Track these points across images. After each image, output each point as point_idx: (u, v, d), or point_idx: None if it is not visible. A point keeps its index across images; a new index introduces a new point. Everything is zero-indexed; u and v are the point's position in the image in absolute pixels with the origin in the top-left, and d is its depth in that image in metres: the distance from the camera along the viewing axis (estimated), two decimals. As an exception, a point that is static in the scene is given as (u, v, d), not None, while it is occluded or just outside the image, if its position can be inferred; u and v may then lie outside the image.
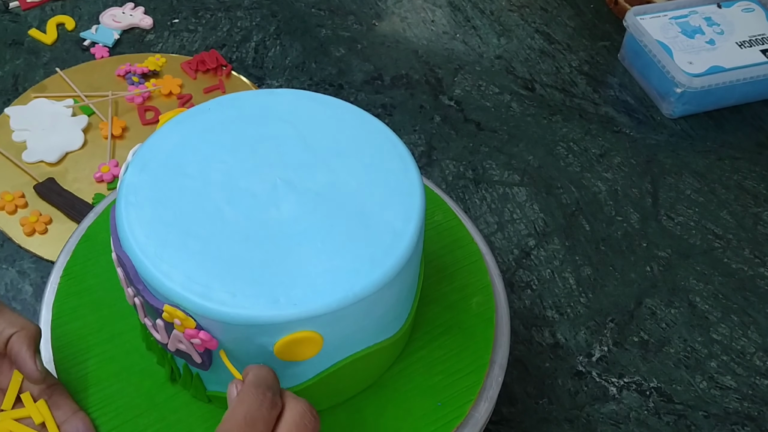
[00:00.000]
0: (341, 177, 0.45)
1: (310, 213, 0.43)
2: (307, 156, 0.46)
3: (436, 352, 0.51)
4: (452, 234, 0.58)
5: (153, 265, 0.40)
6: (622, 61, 0.94)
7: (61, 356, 0.49)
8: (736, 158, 0.85)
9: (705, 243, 0.77)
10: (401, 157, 0.47)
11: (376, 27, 0.97)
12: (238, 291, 0.40)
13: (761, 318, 0.71)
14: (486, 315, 0.53)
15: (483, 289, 0.55)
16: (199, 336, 0.40)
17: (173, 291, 0.40)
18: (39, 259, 0.70)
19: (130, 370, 0.49)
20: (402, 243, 0.43)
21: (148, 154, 0.46)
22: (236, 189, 0.44)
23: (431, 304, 0.53)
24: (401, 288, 0.45)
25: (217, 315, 0.39)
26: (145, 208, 0.43)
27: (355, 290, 0.40)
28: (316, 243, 0.42)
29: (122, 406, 0.47)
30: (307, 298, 0.40)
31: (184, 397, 0.48)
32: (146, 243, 0.41)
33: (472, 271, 0.56)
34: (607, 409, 0.64)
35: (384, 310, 0.44)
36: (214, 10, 0.96)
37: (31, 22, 0.93)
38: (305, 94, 0.50)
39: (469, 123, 0.86)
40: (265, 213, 0.43)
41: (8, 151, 0.77)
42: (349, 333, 0.43)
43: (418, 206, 0.44)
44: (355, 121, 0.49)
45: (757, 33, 0.90)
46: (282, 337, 0.40)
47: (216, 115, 0.48)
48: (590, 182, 0.81)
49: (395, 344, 0.48)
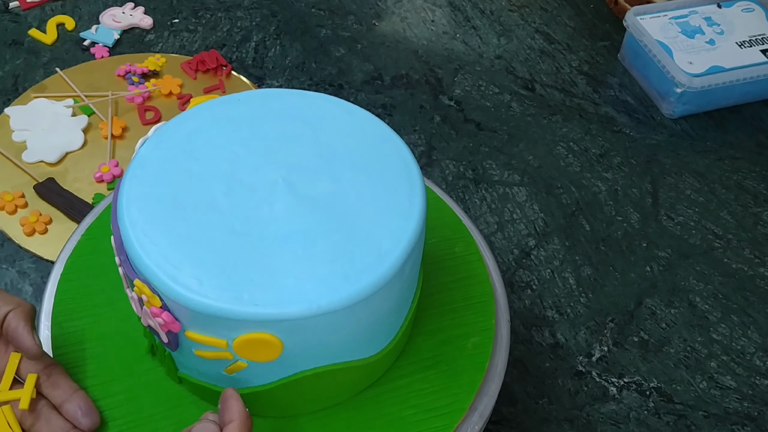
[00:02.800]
0: (343, 188, 0.45)
1: (300, 218, 0.43)
2: (317, 162, 0.46)
3: (416, 384, 0.49)
4: (468, 269, 0.56)
5: (136, 239, 0.42)
6: (622, 61, 0.94)
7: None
8: (736, 158, 0.85)
9: (705, 243, 0.77)
10: (410, 179, 0.46)
11: (376, 27, 0.97)
12: (206, 279, 0.40)
13: (761, 318, 0.71)
14: (479, 359, 0.51)
15: (484, 332, 0.52)
16: (162, 316, 0.41)
17: (147, 267, 0.41)
18: (39, 259, 0.70)
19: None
20: (383, 265, 0.42)
21: (168, 132, 0.47)
22: (237, 181, 0.45)
23: (425, 335, 0.52)
24: (378, 310, 0.43)
25: (180, 299, 0.40)
26: (146, 183, 0.44)
27: (320, 303, 0.40)
28: (297, 249, 0.42)
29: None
30: (270, 301, 0.40)
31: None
32: (138, 217, 0.42)
33: (479, 310, 0.53)
34: (607, 409, 0.64)
35: (356, 329, 0.43)
36: (214, 10, 0.96)
37: (31, 22, 0.93)
38: (336, 101, 0.50)
39: (469, 123, 0.86)
40: (257, 209, 0.43)
41: (8, 151, 0.77)
42: (314, 345, 0.42)
43: (411, 231, 0.43)
44: (375, 136, 0.48)
45: (757, 33, 0.90)
46: (241, 334, 0.40)
47: (244, 107, 0.49)
48: (590, 182, 0.81)
49: (370, 367, 0.47)
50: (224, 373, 0.44)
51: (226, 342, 0.41)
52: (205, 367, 0.45)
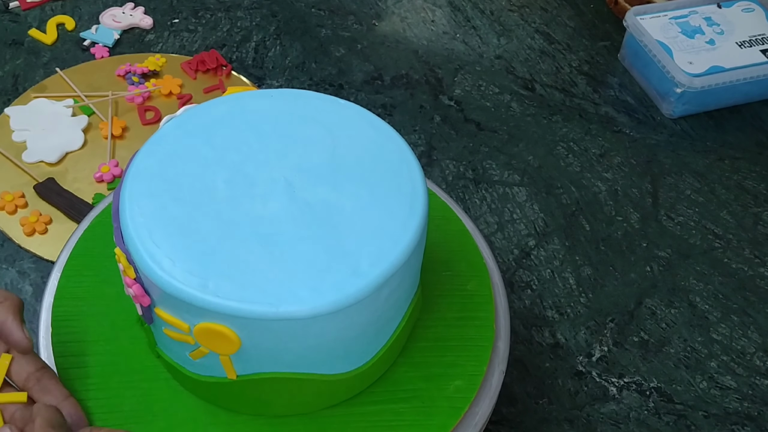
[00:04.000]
0: (341, 200, 0.44)
1: (289, 221, 0.43)
2: (325, 169, 0.46)
3: (385, 414, 0.48)
4: (476, 309, 0.53)
5: (130, 209, 0.43)
6: (622, 61, 0.94)
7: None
8: (736, 158, 0.85)
9: (705, 243, 0.77)
10: (412, 204, 0.45)
11: (376, 27, 0.97)
12: (179, 262, 0.41)
13: (761, 318, 0.71)
14: (458, 404, 0.48)
15: (471, 377, 0.50)
16: (133, 288, 0.43)
17: (130, 237, 0.42)
18: (39, 259, 0.70)
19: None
20: (355, 284, 0.41)
21: (194, 115, 0.48)
22: (241, 173, 0.45)
23: (407, 366, 0.50)
24: (346, 329, 0.43)
25: (151, 275, 0.41)
26: (157, 159, 0.45)
27: (280, 308, 0.40)
28: (276, 250, 0.42)
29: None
30: (232, 295, 0.40)
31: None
32: (138, 189, 0.44)
33: (472, 354, 0.51)
34: (607, 409, 0.64)
35: (319, 342, 0.42)
36: (214, 10, 0.96)
37: (31, 22, 0.93)
38: (366, 114, 0.49)
39: (469, 123, 0.86)
40: (251, 204, 0.44)
41: (8, 151, 0.77)
42: (272, 348, 0.42)
43: (395, 256, 0.42)
44: (391, 155, 0.47)
45: (757, 33, 0.90)
46: (201, 321, 0.41)
47: (273, 103, 0.49)
48: (590, 182, 0.81)
49: (334, 385, 0.46)
50: (189, 357, 0.44)
51: (188, 326, 0.42)
52: (175, 347, 0.45)
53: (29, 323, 0.65)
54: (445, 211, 0.59)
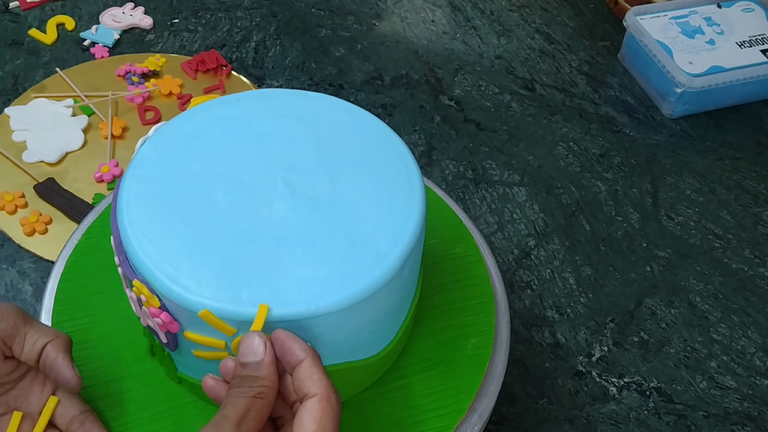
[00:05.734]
0: (342, 189, 0.45)
1: (299, 219, 0.43)
2: (317, 162, 0.46)
3: (415, 385, 0.49)
4: (468, 270, 0.56)
5: (135, 239, 0.42)
6: (622, 61, 0.94)
7: None
8: (736, 158, 0.85)
9: (705, 243, 0.77)
10: (410, 179, 0.45)
11: (376, 27, 0.97)
12: (204, 280, 0.40)
13: (761, 318, 0.71)
14: (479, 360, 0.51)
15: (484, 333, 0.52)
16: (161, 317, 0.41)
17: (146, 267, 0.41)
18: (39, 259, 0.70)
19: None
20: (382, 266, 0.41)
21: (167, 132, 0.47)
22: (237, 181, 0.45)
23: (424, 336, 0.52)
24: (377, 311, 0.43)
25: (179, 299, 0.40)
26: (146, 183, 0.44)
27: (318, 304, 0.40)
28: (296, 250, 0.42)
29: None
30: (269, 302, 0.39)
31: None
32: (137, 217, 0.43)
33: (478, 311, 0.53)
34: (607, 409, 0.64)
35: (355, 330, 0.43)
36: (214, 10, 0.96)
37: (31, 22, 0.93)
38: (336, 101, 0.50)
39: (469, 123, 0.86)
40: (257, 210, 0.43)
41: (8, 151, 0.77)
42: (312, 345, 0.42)
43: (410, 232, 0.43)
44: (375, 136, 0.48)
45: (757, 33, 0.90)
46: (239, 335, 0.40)
47: (244, 107, 0.49)
48: (590, 182, 0.81)
49: (369, 367, 0.47)
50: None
51: (224, 343, 0.41)
52: (204, 367, 0.45)
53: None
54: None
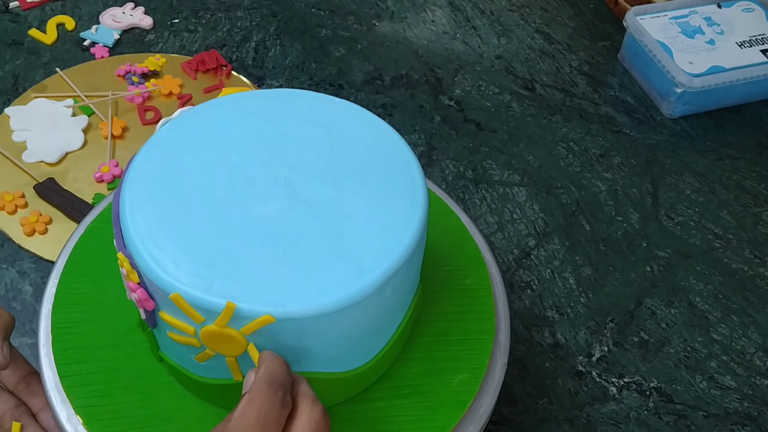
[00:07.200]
0: (342, 198, 0.44)
1: (291, 220, 0.43)
2: (324, 168, 0.46)
3: (390, 410, 0.48)
4: (475, 303, 0.53)
5: (130, 213, 0.42)
6: (622, 61, 0.94)
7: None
8: (736, 158, 0.85)
9: (705, 243, 0.77)
10: (413, 200, 0.45)
11: (376, 27, 0.97)
12: (183, 264, 0.40)
13: (761, 318, 0.71)
14: (462, 397, 0.49)
15: (474, 370, 0.50)
16: (137, 292, 0.42)
17: (132, 242, 0.41)
18: (39, 259, 0.70)
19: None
20: (361, 282, 0.41)
21: (190, 117, 0.48)
22: (241, 174, 0.45)
23: (411, 362, 0.50)
24: (351, 326, 0.43)
25: (155, 279, 0.40)
26: (156, 162, 0.45)
27: (287, 308, 0.39)
28: (280, 250, 0.42)
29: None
30: (237, 296, 0.39)
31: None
32: (138, 192, 0.43)
33: (474, 348, 0.51)
34: (607, 409, 0.64)
35: (325, 341, 0.42)
36: (214, 10, 0.96)
37: (31, 22, 0.93)
38: (362, 112, 0.49)
39: (469, 123, 0.86)
40: (251, 205, 0.43)
41: (8, 151, 0.77)
42: (278, 348, 0.42)
43: (399, 252, 0.42)
44: (390, 152, 0.47)
45: (757, 33, 0.90)
46: (207, 324, 0.40)
47: (269, 103, 0.49)
48: (590, 182, 0.81)
49: (340, 383, 0.46)
50: (194, 360, 0.44)
51: (194, 329, 0.42)
52: (179, 350, 0.45)
53: (29, 324, 0.66)
54: (444, 207, 0.59)
